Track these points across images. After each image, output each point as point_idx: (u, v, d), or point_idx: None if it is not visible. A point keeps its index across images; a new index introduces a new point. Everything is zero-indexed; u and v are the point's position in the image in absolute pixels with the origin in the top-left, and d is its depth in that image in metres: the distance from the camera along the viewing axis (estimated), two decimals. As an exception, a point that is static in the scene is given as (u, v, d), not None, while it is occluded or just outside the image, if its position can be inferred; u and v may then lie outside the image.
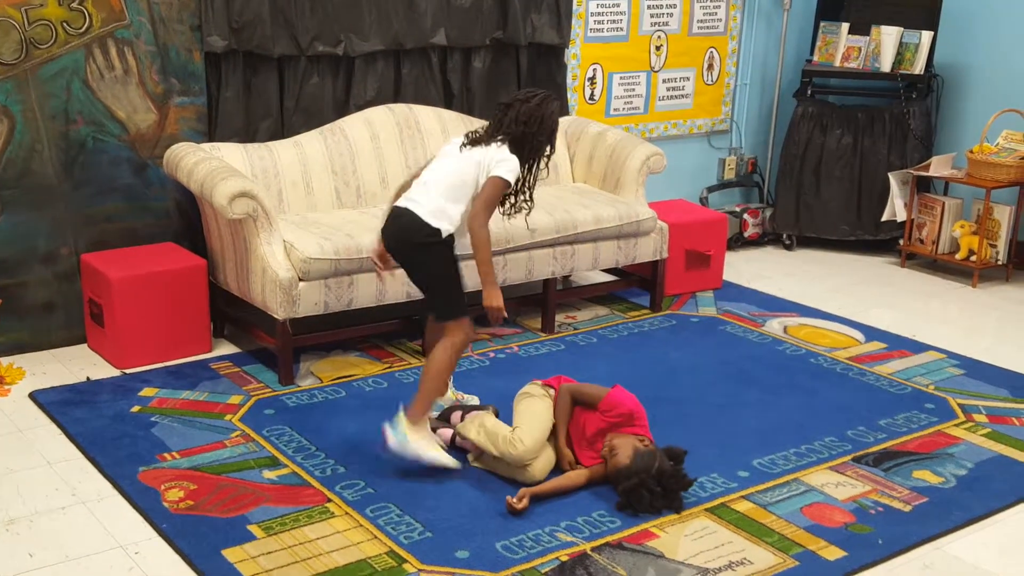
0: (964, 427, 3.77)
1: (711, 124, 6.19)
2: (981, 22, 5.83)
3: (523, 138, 3.33)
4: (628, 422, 3.27)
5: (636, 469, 3.12)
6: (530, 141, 3.34)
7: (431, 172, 3.39)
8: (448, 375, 3.48)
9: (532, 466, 3.24)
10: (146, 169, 4.31)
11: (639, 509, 3.11)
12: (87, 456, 3.38)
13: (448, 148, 3.45)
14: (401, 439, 3.25)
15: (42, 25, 3.97)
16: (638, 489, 3.10)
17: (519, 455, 3.22)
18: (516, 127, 3.33)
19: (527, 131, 3.32)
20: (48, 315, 4.21)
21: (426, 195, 3.32)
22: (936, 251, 5.71)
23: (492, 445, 3.27)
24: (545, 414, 3.33)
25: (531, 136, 3.33)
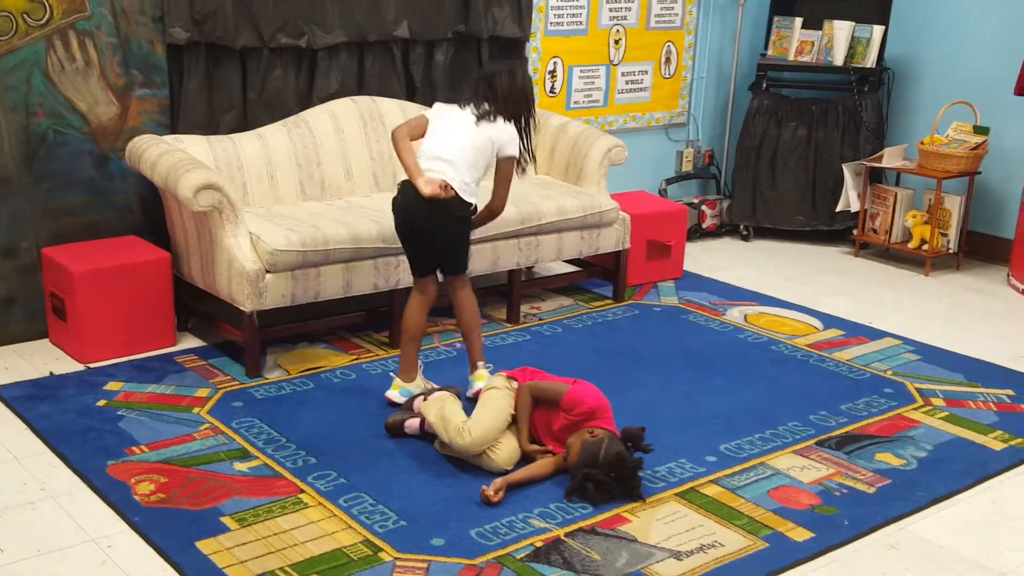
0: (923, 411, 3.87)
1: (669, 117, 6.27)
2: (930, 17, 5.96)
3: (516, 114, 3.68)
4: (590, 418, 3.29)
5: (580, 463, 3.16)
6: (523, 113, 3.71)
7: (451, 149, 3.60)
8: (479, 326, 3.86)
9: (497, 458, 3.27)
10: (108, 162, 4.27)
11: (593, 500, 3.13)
12: (54, 451, 3.35)
13: (456, 118, 3.67)
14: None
15: (2, 16, 3.91)
16: (582, 484, 3.14)
17: (464, 446, 3.26)
18: (508, 104, 3.65)
19: (518, 108, 3.68)
20: (8, 309, 4.15)
21: (456, 173, 3.59)
22: (889, 240, 5.83)
23: (444, 432, 3.31)
24: (503, 408, 3.35)
25: (522, 110, 3.70)
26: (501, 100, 3.64)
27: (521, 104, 3.69)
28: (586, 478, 3.13)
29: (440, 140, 3.62)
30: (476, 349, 3.83)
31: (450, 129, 3.64)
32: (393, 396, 3.71)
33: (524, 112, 3.71)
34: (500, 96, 3.64)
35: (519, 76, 3.70)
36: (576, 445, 3.21)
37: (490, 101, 3.65)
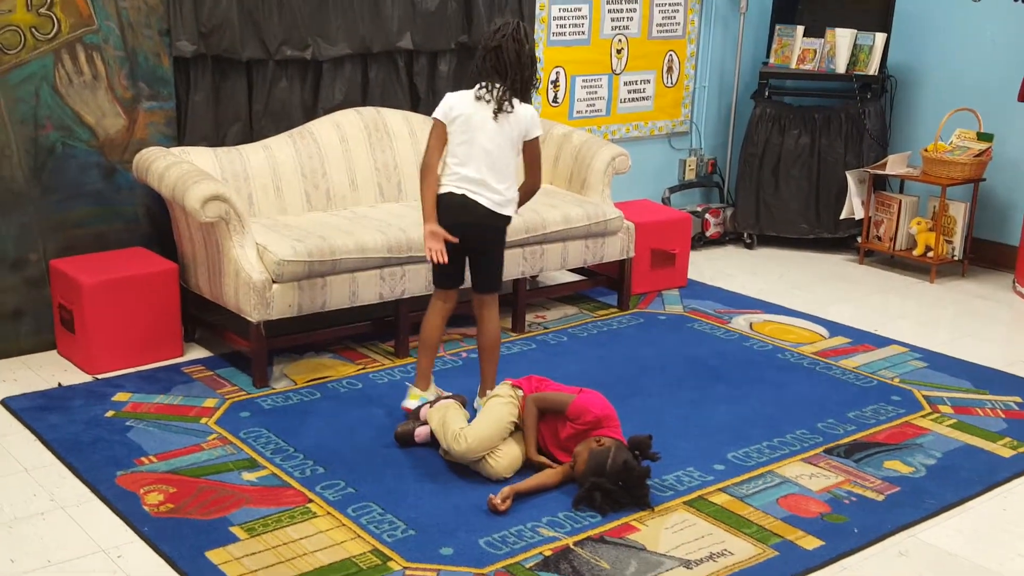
0: (931, 418, 3.88)
1: (671, 125, 6.28)
2: (932, 24, 5.98)
3: (527, 83, 3.51)
4: (597, 426, 3.30)
5: (588, 472, 3.16)
6: (532, 78, 3.53)
7: (479, 167, 3.48)
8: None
9: (497, 465, 3.28)
10: (115, 174, 4.28)
11: (601, 509, 3.13)
12: (63, 461, 3.36)
13: (475, 122, 3.48)
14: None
15: (10, 31, 3.93)
16: (589, 494, 3.14)
17: (460, 452, 3.27)
18: (519, 77, 3.47)
19: (527, 77, 3.50)
20: (17, 321, 4.16)
21: (488, 192, 3.50)
22: (894, 248, 5.84)
23: (443, 437, 3.32)
24: (502, 416, 3.35)
25: (531, 75, 3.51)
26: (512, 74, 3.45)
27: (528, 70, 3.49)
28: (594, 487, 3.13)
29: (464, 157, 3.49)
30: (489, 376, 3.70)
31: (471, 143, 3.47)
32: (410, 405, 3.68)
33: (533, 76, 3.53)
34: (510, 69, 3.44)
35: (525, 40, 3.47)
36: (583, 454, 3.21)
37: (500, 78, 3.45)
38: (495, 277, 3.67)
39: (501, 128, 3.48)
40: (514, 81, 3.46)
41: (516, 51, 3.44)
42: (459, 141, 3.50)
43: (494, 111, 3.46)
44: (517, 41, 3.44)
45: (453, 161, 3.51)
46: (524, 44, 3.46)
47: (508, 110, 3.47)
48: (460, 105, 3.50)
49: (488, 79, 3.48)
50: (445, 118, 3.51)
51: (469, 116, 3.48)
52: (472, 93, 3.51)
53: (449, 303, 3.71)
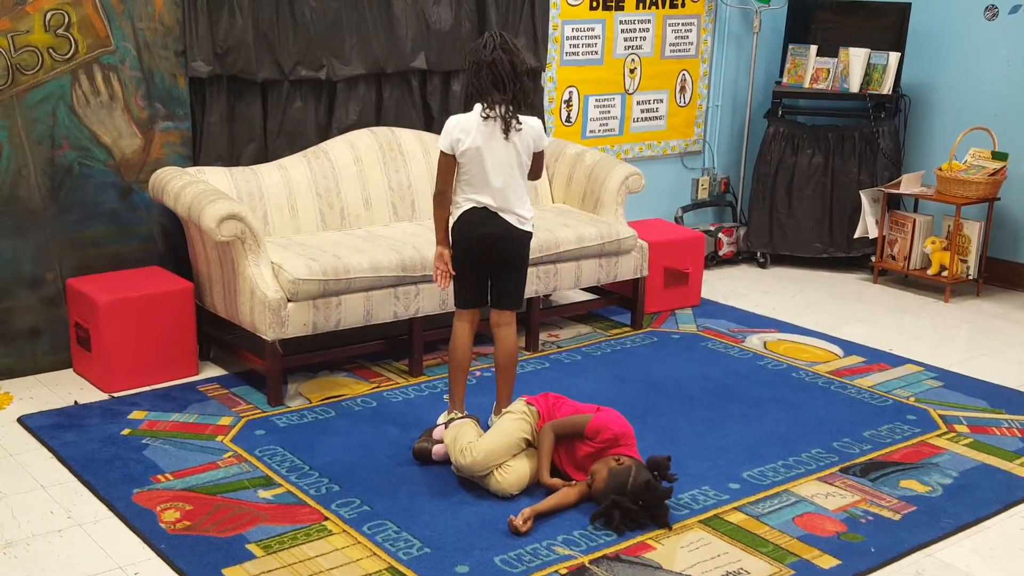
0: (947, 437, 3.86)
1: (684, 145, 6.29)
2: (947, 43, 5.99)
3: (525, 93, 3.47)
4: (615, 444, 3.30)
5: (608, 490, 3.15)
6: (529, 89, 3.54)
7: (494, 193, 3.47)
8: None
9: (503, 481, 3.28)
10: (131, 193, 4.32)
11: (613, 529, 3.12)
12: (80, 479, 3.37)
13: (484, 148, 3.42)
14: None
15: (28, 51, 3.97)
16: (609, 511, 3.12)
17: (466, 465, 3.27)
18: (518, 90, 3.42)
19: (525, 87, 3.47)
20: (34, 340, 4.19)
21: (507, 205, 3.50)
22: (908, 267, 5.83)
23: (451, 451, 3.32)
24: (512, 432, 3.35)
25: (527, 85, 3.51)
26: (512, 86, 3.39)
27: (525, 79, 3.46)
28: (613, 505, 3.12)
29: (480, 185, 3.46)
30: (504, 394, 3.65)
31: (485, 170, 3.44)
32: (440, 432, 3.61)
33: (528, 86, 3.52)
34: (508, 81, 3.38)
35: (515, 49, 3.42)
36: (602, 472, 3.20)
37: (500, 92, 3.38)
38: (517, 293, 3.63)
39: (513, 147, 3.45)
40: (515, 94, 3.41)
41: (510, 62, 3.38)
42: (474, 172, 3.45)
43: (503, 131, 3.42)
44: (507, 51, 3.38)
45: (469, 189, 3.48)
46: (515, 54, 3.41)
47: (517, 128, 3.43)
48: (467, 134, 3.42)
49: (488, 95, 3.41)
50: (452, 150, 3.44)
51: (479, 145, 3.42)
52: (477, 115, 3.43)
53: (474, 324, 3.67)
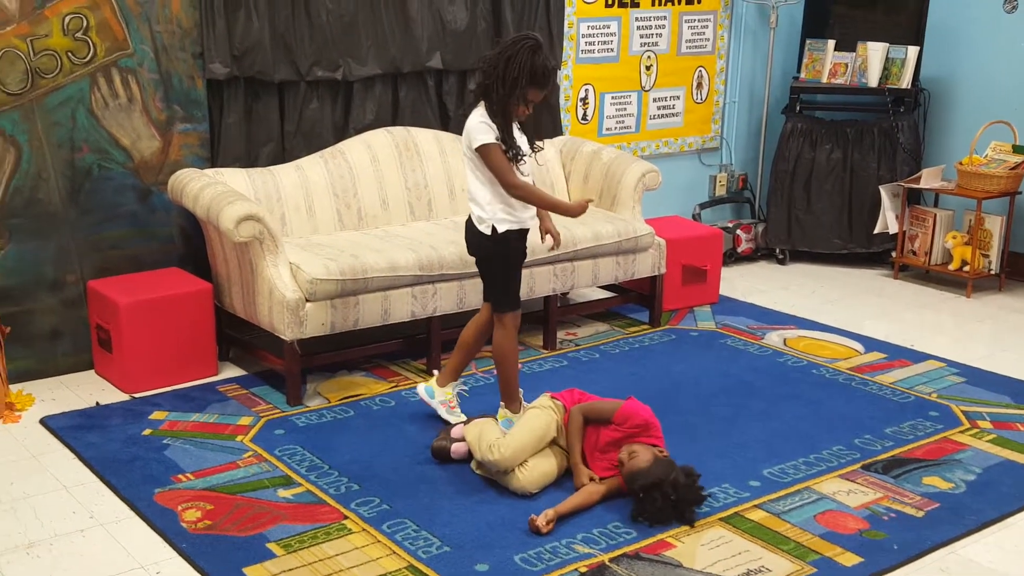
0: (969, 433, 3.83)
1: (701, 141, 6.27)
2: (966, 36, 5.94)
3: (487, 90, 3.35)
4: (644, 432, 3.30)
5: (654, 472, 3.14)
6: (494, 91, 3.32)
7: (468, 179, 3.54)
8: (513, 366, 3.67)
9: (523, 479, 3.27)
10: (150, 195, 4.34)
11: (651, 512, 3.11)
12: (102, 479, 3.39)
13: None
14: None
15: (47, 55, 4.00)
16: (653, 490, 3.11)
17: (494, 461, 3.27)
18: (480, 84, 3.38)
19: (486, 81, 3.35)
20: (55, 342, 4.21)
21: (472, 203, 3.53)
22: (929, 262, 5.79)
23: (477, 448, 3.32)
24: (538, 427, 3.34)
25: (492, 87, 3.33)
26: (479, 86, 3.39)
27: (492, 76, 3.30)
28: (656, 486, 3.10)
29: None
30: (500, 387, 3.69)
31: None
32: (419, 390, 3.85)
33: (497, 90, 3.30)
34: (478, 81, 3.39)
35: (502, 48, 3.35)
36: (646, 454, 3.19)
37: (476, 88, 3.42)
38: (495, 294, 3.63)
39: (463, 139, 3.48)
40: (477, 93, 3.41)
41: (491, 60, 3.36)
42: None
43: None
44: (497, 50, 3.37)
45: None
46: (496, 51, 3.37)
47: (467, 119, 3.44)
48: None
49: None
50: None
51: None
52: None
53: (483, 316, 3.73)
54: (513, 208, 3.49)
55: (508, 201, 3.46)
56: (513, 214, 3.50)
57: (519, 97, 3.33)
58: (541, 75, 3.33)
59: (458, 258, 4.25)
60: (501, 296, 3.61)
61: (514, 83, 3.30)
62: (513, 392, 3.67)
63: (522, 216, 3.52)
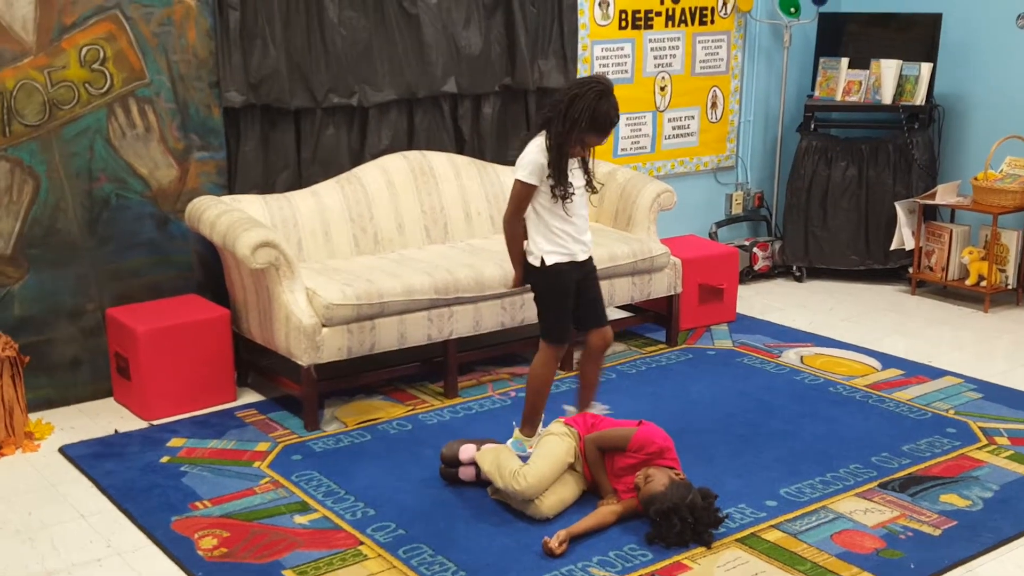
0: (987, 450, 3.80)
1: (717, 161, 6.28)
2: (978, 52, 5.93)
3: (548, 122, 3.40)
4: (660, 456, 3.30)
5: (671, 496, 3.13)
6: (555, 125, 3.36)
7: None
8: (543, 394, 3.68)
9: (541, 505, 3.27)
10: (168, 223, 4.39)
11: (668, 536, 3.11)
12: (120, 508, 3.41)
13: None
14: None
15: (65, 87, 4.06)
16: (671, 514, 3.10)
17: (520, 491, 3.26)
18: (546, 111, 3.43)
19: (549, 114, 3.39)
20: (75, 370, 4.26)
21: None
22: (946, 278, 5.76)
23: (500, 477, 3.32)
24: (559, 454, 3.34)
25: (554, 121, 3.36)
26: (542, 116, 3.45)
27: (555, 110, 3.36)
28: (674, 510, 3.09)
29: None
30: (525, 410, 3.69)
31: None
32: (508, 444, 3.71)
33: (556, 125, 3.35)
34: (543, 112, 3.46)
35: (571, 87, 3.38)
36: (662, 478, 3.19)
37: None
38: (542, 324, 3.67)
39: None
40: (537, 125, 3.48)
41: (557, 99, 3.38)
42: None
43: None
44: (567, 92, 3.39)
45: None
46: (568, 90, 3.38)
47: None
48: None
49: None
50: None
51: None
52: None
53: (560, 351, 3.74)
54: (560, 239, 3.50)
55: (555, 232, 3.49)
56: (562, 246, 3.51)
57: (576, 138, 3.36)
58: (602, 121, 3.34)
59: (474, 281, 4.27)
60: (546, 327, 3.65)
61: (574, 123, 3.32)
62: (534, 420, 3.66)
63: (571, 248, 3.53)
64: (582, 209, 3.54)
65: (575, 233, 3.53)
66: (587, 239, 3.60)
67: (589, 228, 3.63)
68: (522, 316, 4.46)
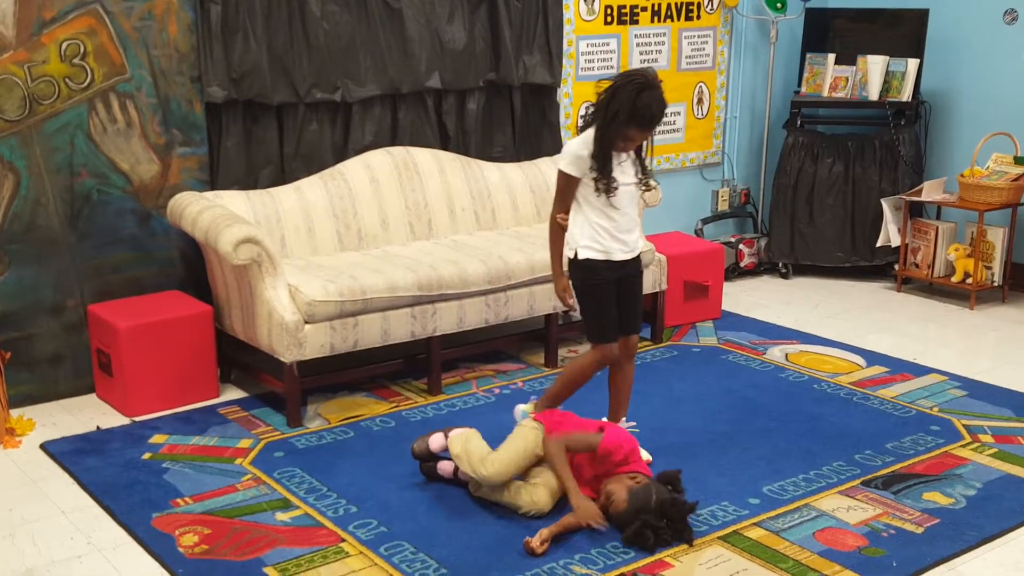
0: (971, 448, 3.80)
1: (703, 157, 6.27)
2: (965, 49, 5.94)
3: (594, 116, 3.35)
4: (626, 463, 3.28)
5: (635, 508, 3.12)
6: (597, 120, 3.32)
7: None
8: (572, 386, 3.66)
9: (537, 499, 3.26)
10: (150, 219, 4.36)
11: (647, 549, 3.09)
12: (101, 504, 3.39)
13: None
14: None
15: (45, 82, 4.03)
16: (642, 531, 3.09)
17: (485, 476, 3.26)
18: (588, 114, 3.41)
19: (596, 110, 3.33)
20: (56, 366, 4.23)
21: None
22: (932, 275, 5.77)
23: (468, 463, 3.31)
24: (528, 445, 3.32)
25: (597, 116, 3.32)
26: (589, 110, 3.44)
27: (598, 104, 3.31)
28: (644, 526, 3.08)
29: None
30: (549, 391, 3.69)
31: None
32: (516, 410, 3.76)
33: (598, 119, 3.31)
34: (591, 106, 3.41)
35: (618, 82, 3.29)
36: (620, 492, 3.18)
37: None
38: (585, 322, 3.59)
39: None
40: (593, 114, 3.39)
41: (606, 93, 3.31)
42: None
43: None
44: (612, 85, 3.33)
45: None
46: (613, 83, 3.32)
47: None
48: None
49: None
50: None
51: None
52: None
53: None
54: (597, 235, 3.42)
55: (593, 227, 3.41)
56: (598, 241, 3.42)
57: (617, 132, 3.28)
58: (643, 114, 3.24)
59: (457, 278, 4.26)
60: (585, 324, 3.60)
61: (614, 117, 3.25)
62: (552, 404, 3.64)
63: (608, 245, 3.43)
64: (628, 207, 3.44)
65: (614, 230, 3.42)
66: (630, 239, 3.48)
67: (637, 228, 3.52)
68: (506, 313, 4.44)
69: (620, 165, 3.39)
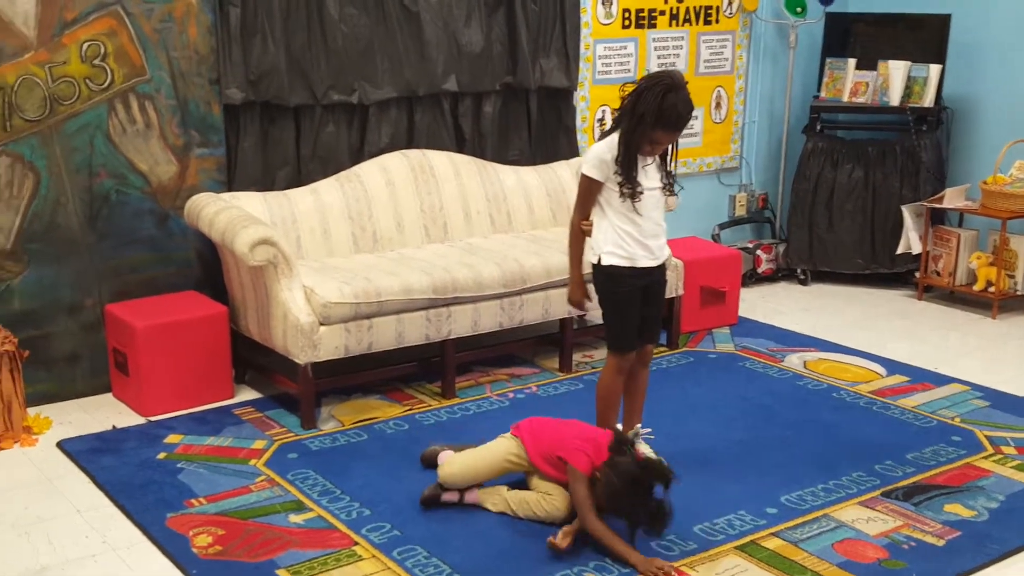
0: (993, 459, 3.76)
1: (721, 161, 6.24)
2: (989, 54, 5.88)
3: (616, 121, 3.31)
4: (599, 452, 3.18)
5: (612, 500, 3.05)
6: (623, 124, 3.27)
7: None
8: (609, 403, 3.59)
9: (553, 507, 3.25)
10: (168, 220, 4.36)
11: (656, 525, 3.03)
12: (116, 503, 3.39)
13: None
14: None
15: (65, 82, 4.04)
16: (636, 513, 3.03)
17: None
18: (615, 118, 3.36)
19: (621, 113, 3.28)
20: (73, 365, 4.24)
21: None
22: (953, 283, 5.71)
23: (534, 513, 3.25)
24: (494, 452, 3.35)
25: (622, 119, 3.27)
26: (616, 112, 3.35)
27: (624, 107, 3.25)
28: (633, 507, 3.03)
29: None
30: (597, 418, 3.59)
31: None
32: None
33: (623, 122, 3.25)
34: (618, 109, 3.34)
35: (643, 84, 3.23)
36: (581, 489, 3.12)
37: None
38: (605, 329, 3.55)
39: None
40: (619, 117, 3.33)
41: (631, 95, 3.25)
42: None
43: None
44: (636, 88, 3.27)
45: None
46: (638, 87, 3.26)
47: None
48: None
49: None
50: None
51: None
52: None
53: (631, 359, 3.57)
54: (621, 240, 3.36)
55: (617, 232, 3.36)
56: (621, 247, 3.36)
57: (643, 135, 3.22)
58: (669, 117, 3.18)
59: (472, 281, 4.24)
60: (605, 331, 3.56)
61: (640, 119, 3.19)
62: (607, 426, 3.51)
63: (632, 251, 3.36)
64: (653, 212, 3.37)
65: (639, 236, 3.35)
66: (655, 245, 3.40)
67: (663, 234, 3.45)
68: (520, 317, 4.43)
69: (644, 169, 3.34)
